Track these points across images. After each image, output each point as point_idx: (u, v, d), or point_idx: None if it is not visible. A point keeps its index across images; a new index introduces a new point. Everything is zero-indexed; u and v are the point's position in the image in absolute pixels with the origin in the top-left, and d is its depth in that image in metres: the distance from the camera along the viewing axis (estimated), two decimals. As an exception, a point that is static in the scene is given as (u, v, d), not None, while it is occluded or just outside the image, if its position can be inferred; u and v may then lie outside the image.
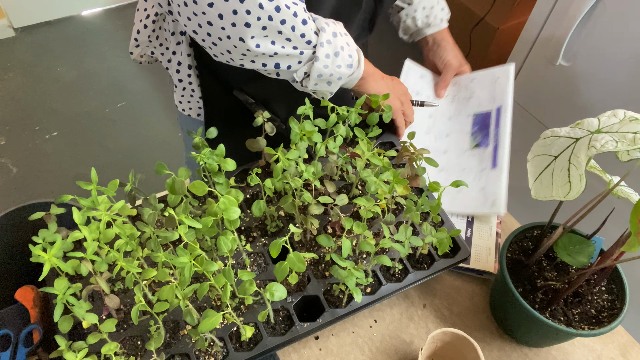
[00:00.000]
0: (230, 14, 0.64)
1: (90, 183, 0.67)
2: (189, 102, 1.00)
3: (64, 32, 2.82)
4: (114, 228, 0.66)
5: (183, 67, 0.93)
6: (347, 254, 0.70)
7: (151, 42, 0.94)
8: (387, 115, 0.89)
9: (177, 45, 0.91)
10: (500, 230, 0.95)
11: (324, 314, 0.76)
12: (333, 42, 0.75)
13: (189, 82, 0.96)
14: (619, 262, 0.70)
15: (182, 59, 0.92)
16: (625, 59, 1.16)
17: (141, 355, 0.71)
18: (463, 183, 0.77)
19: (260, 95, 0.93)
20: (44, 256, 0.61)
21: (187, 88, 0.97)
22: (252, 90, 0.92)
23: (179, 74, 0.95)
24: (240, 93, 0.92)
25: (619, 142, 0.61)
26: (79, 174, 2.16)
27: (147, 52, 0.97)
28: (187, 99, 1.00)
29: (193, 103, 1.00)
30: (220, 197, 0.67)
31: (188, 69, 0.93)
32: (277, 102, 0.94)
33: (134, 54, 0.98)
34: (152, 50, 0.97)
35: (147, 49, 0.96)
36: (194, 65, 0.92)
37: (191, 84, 0.96)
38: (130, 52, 0.98)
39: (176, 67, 0.94)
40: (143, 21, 0.91)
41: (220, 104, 0.98)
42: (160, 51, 0.96)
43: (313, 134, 0.81)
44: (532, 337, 0.81)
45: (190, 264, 0.62)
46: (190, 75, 0.94)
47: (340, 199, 0.77)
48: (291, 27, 0.69)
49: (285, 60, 0.74)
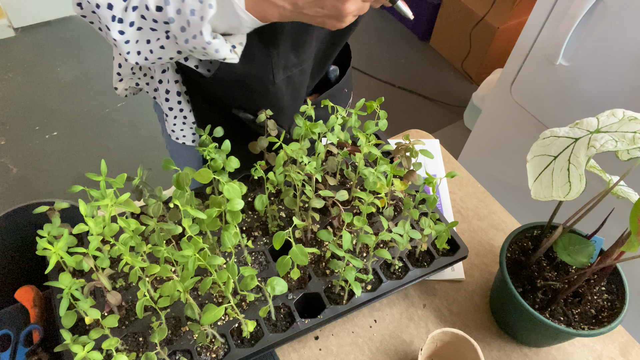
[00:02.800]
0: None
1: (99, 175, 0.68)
2: (182, 129, 0.97)
3: (64, 32, 2.82)
4: (119, 221, 0.66)
5: (172, 94, 0.90)
6: (347, 247, 0.71)
7: (135, 74, 0.91)
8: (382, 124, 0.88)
9: (163, 74, 0.87)
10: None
11: (324, 311, 0.76)
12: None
13: (180, 109, 0.92)
14: (619, 262, 0.70)
15: (169, 87, 0.89)
16: (625, 59, 1.16)
17: (142, 351, 0.72)
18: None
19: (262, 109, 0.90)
20: (51, 249, 0.62)
21: (179, 116, 0.94)
22: (252, 106, 0.89)
23: (168, 102, 0.91)
24: (240, 111, 0.90)
25: (618, 142, 0.61)
26: (79, 174, 2.16)
27: (132, 84, 0.94)
28: (179, 127, 0.96)
29: (187, 130, 0.97)
30: (224, 185, 0.68)
31: (177, 95, 0.90)
32: (280, 115, 0.92)
33: (118, 89, 0.95)
34: (137, 82, 0.94)
35: (131, 81, 0.93)
36: (183, 91, 0.90)
37: (182, 111, 0.93)
38: (114, 88, 0.95)
39: (164, 95, 0.90)
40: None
41: (213, 125, 0.96)
42: (145, 81, 0.93)
43: (317, 127, 0.81)
44: (532, 337, 0.81)
45: (195, 257, 0.62)
46: (180, 102, 0.91)
47: (341, 195, 0.78)
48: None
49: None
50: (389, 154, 0.98)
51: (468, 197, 1.04)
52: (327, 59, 0.94)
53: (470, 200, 1.04)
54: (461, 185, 1.06)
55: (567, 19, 1.21)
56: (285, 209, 0.89)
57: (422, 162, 0.92)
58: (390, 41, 2.94)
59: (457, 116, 2.56)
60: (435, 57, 2.86)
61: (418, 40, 2.94)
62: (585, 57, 1.24)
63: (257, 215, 0.88)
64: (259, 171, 0.76)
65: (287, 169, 0.78)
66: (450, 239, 0.86)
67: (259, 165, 0.77)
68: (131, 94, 0.99)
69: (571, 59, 1.27)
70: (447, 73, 2.78)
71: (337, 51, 0.94)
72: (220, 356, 0.72)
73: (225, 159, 0.77)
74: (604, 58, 1.20)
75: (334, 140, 0.84)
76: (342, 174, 0.93)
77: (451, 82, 2.73)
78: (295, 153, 0.78)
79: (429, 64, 2.82)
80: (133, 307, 0.76)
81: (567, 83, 1.31)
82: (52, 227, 0.69)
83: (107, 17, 0.64)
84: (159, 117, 1.05)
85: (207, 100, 0.91)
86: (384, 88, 2.67)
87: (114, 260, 0.80)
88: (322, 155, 0.84)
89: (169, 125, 0.97)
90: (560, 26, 1.24)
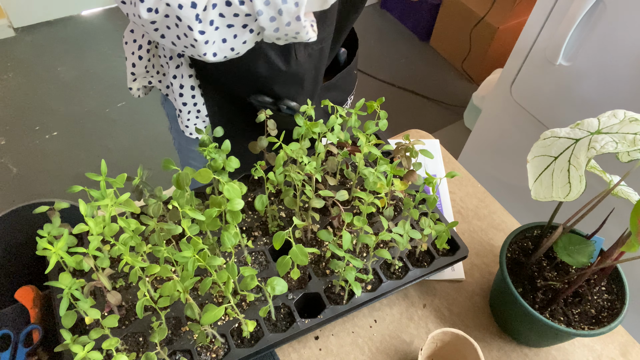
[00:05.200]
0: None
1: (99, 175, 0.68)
2: (196, 124, 0.98)
3: (64, 32, 2.82)
4: (119, 221, 0.66)
5: (186, 89, 0.91)
6: (347, 247, 0.71)
7: (148, 72, 0.92)
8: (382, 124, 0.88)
9: (177, 69, 0.88)
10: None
11: (324, 311, 0.76)
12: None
13: (194, 103, 0.94)
14: (619, 262, 0.70)
15: (183, 82, 0.90)
16: (625, 59, 1.16)
17: (142, 351, 0.72)
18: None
19: (284, 92, 0.91)
20: (51, 249, 0.62)
21: (193, 110, 0.95)
22: (274, 87, 0.89)
23: (182, 98, 0.93)
24: (258, 96, 0.91)
25: (619, 143, 0.61)
26: (79, 174, 2.16)
27: (145, 82, 0.95)
28: (193, 122, 0.98)
29: (200, 124, 0.98)
30: (224, 185, 0.68)
31: (191, 90, 0.91)
32: (299, 95, 0.92)
33: (132, 88, 0.96)
34: (150, 80, 0.95)
35: (144, 80, 0.94)
36: (197, 84, 0.91)
37: (196, 105, 0.94)
38: (129, 88, 0.96)
39: (179, 90, 0.91)
40: (136, 53, 0.89)
41: (227, 116, 0.96)
42: (158, 79, 0.94)
43: (317, 126, 0.81)
44: (532, 337, 0.81)
45: (194, 258, 0.62)
46: (194, 96, 0.92)
47: (341, 195, 0.78)
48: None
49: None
50: (389, 154, 0.98)
51: (468, 197, 1.04)
52: (335, 42, 0.95)
53: (470, 200, 1.04)
54: (461, 185, 1.06)
55: (567, 19, 1.21)
56: (285, 209, 0.89)
57: (422, 162, 0.92)
58: (390, 41, 2.94)
59: (457, 116, 2.56)
60: (435, 57, 2.86)
61: (418, 40, 2.94)
62: (585, 57, 1.24)
63: (257, 215, 0.88)
64: (259, 171, 0.76)
65: (287, 169, 0.78)
66: (450, 239, 0.86)
67: (259, 165, 0.77)
68: (144, 93, 1.00)
69: (571, 59, 1.27)
70: (447, 73, 2.78)
71: (344, 35, 0.95)
72: (220, 356, 0.72)
73: (225, 159, 0.77)
74: (604, 58, 1.20)
75: (334, 140, 0.84)
76: (342, 174, 0.93)
77: (451, 82, 2.73)
78: (295, 153, 0.78)
79: (429, 64, 2.82)
80: (133, 307, 0.76)
81: (567, 83, 1.31)
82: (52, 227, 0.69)
83: (191, 17, 0.61)
84: (169, 114, 1.05)
85: (222, 91, 0.92)
86: (384, 88, 2.67)
87: (114, 260, 0.80)
88: (322, 155, 0.84)
89: (182, 120, 0.98)
90: (560, 26, 1.24)
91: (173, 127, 1.05)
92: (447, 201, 1.02)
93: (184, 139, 1.04)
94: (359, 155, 0.81)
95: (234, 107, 0.95)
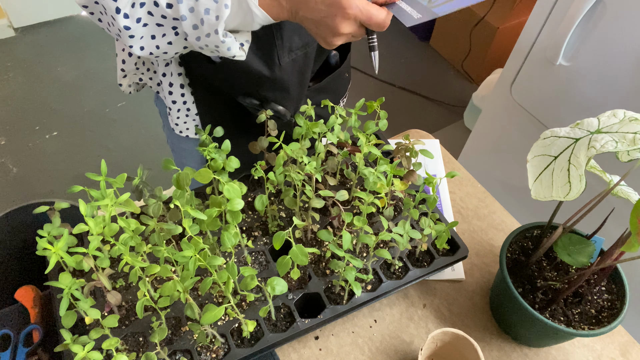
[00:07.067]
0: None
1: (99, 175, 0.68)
2: (185, 122, 0.98)
3: (64, 32, 2.82)
4: (119, 221, 0.66)
5: (175, 87, 0.91)
6: (347, 247, 0.71)
7: (138, 69, 0.92)
8: (382, 124, 0.88)
9: (166, 67, 0.88)
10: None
11: (324, 311, 0.76)
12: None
13: (183, 101, 0.94)
14: (619, 262, 0.70)
15: (173, 80, 0.90)
16: (625, 59, 1.16)
17: (142, 351, 0.72)
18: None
19: (270, 96, 0.91)
20: (51, 249, 0.62)
21: (182, 109, 0.95)
22: (260, 90, 0.90)
23: (171, 96, 0.93)
24: (246, 98, 0.91)
25: (618, 143, 0.61)
26: (79, 174, 2.16)
27: (135, 79, 0.95)
28: (183, 120, 0.98)
29: (190, 122, 0.98)
30: (224, 185, 0.68)
31: (181, 88, 0.91)
32: (286, 99, 0.92)
33: (123, 85, 0.96)
34: (140, 77, 0.95)
35: (134, 76, 0.94)
36: (186, 83, 0.91)
37: (185, 104, 0.94)
38: (119, 84, 0.96)
39: (168, 89, 0.92)
40: (126, 50, 0.89)
41: (216, 115, 0.96)
42: (149, 76, 0.94)
43: (317, 126, 0.81)
44: (532, 337, 0.81)
45: (195, 257, 0.62)
46: (183, 94, 0.92)
47: (341, 195, 0.78)
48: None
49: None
50: (389, 154, 0.98)
51: (468, 197, 1.04)
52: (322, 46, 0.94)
53: (470, 200, 1.04)
54: (461, 185, 1.06)
55: (567, 19, 1.21)
56: (285, 209, 0.89)
57: (422, 162, 0.92)
58: (390, 41, 2.94)
59: (457, 116, 2.56)
60: (435, 57, 2.86)
61: (418, 40, 2.94)
62: (585, 57, 1.24)
63: (257, 215, 0.88)
64: (259, 171, 0.76)
65: (287, 169, 0.78)
66: (450, 239, 0.86)
67: (259, 165, 0.77)
68: (135, 90, 1.00)
69: (571, 59, 1.27)
70: (447, 73, 2.78)
71: None
72: (220, 356, 0.72)
73: (226, 159, 0.77)
74: (604, 58, 1.20)
75: (334, 140, 0.84)
76: (342, 174, 0.93)
77: (451, 82, 2.73)
78: (295, 153, 0.78)
79: (429, 64, 2.82)
80: (133, 307, 0.76)
81: (567, 83, 1.31)
82: (52, 227, 0.69)
83: (112, 8, 0.64)
84: (161, 111, 1.06)
85: (211, 91, 0.92)
86: (384, 88, 2.67)
87: (114, 260, 0.80)
88: (322, 155, 0.84)
89: (172, 118, 0.98)
90: (560, 26, 1.24)
91: (165, 125, 1.06)
92: (447, 201, 1.02)
93: (175, 137, 1.04)
94: (359, 155, 0.81)
95: (223, 107, 0.95)
